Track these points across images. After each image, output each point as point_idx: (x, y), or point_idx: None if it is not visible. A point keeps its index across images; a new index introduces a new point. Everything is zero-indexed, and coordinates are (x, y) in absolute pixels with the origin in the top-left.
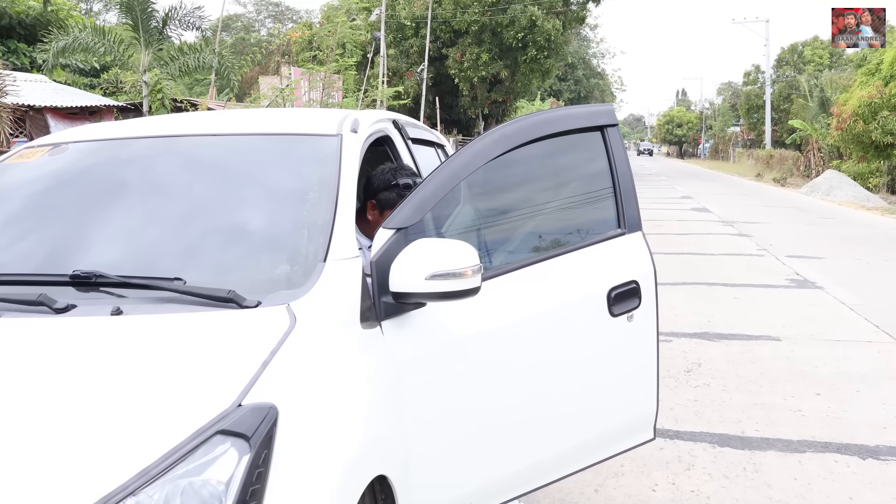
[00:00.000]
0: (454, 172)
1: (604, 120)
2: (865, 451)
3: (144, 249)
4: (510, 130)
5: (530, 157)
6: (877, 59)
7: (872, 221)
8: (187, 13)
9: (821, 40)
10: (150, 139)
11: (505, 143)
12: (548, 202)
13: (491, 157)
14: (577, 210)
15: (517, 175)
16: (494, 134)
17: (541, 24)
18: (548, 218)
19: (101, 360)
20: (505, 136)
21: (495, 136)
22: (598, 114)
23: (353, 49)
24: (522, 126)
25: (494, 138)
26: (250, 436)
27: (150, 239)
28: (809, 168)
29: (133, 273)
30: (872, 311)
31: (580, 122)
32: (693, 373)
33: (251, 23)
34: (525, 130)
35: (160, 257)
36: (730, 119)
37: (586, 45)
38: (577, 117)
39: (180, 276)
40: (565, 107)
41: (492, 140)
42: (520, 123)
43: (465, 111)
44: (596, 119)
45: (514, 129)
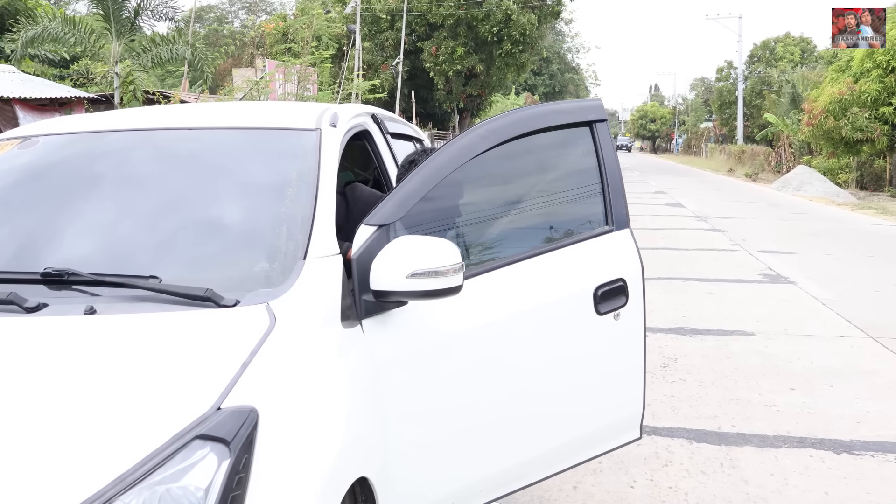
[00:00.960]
0: (439, 168)
1: (592, 115)
2: (840, 446)
3: (118, 246)
4: (497, 125)
5: (517, 153)
6: (847, 56)
7: (843, 217)
8: (160, 3)
9: (792, 37)
10: (124, 132)
11: (492, 139)
12: (535, 198)
13: (477, 152)
14: (565, 206)
15: (504, 171)
16: (481, 129)
17: (516, 18)
18: (534, 214)
19: (75, 362)
20: (492, 132)
21: (481, 131)
22: (587, 109)
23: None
24: (509, 121)
25: (481, 133)
26: (230, 440)
27: (125, 236)
28: (780, 164)
29: (107, 271)
30: (844, 307)
31: (568, 117)
32: (669, 368)
33: (224, 14)
34: (512, 125)
35: (135, 255)
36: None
37: (561, 40)
38: (565, 112)
39: (156, 274)
40: (553, 102)
41: (478, 135)
42: (507, 118)
43: (441, 105)
44: (585, 114)
45: (501, 125)
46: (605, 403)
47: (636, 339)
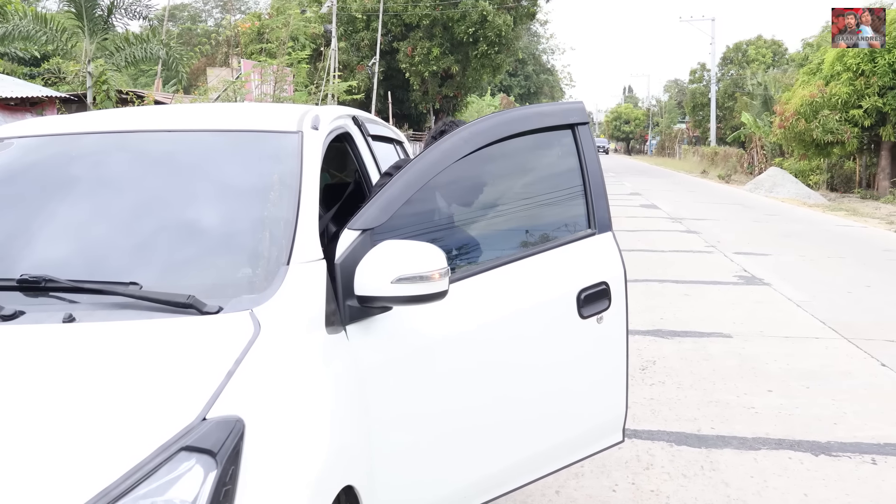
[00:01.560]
0: (422, 171)
1: (575, 118)
2: (818, 448)
3: (97, 252)
4: (480, 128)
5: (500, 156)
6: (818, 58)
7: (814, 218)
8: (134, 1)
9: (764, 39)
10: (102, 135)
11: (475, 142)
12: (518, 202)
13: (460, 155)
14: (548, 210)
15: (486, 174)
16: (464, 132)
17: (492, 19)
18: (517, 218)
19: (54, 372)
20: (475, 135)
21: (464, 134)
22: (569, 112)
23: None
24: (492, 124)
25: (464, 136)
26: (216, 452)
27: (104, 241)
28: (753, 165)
29: (86, 277)
30: (819, 308)
31: (551, 119)
32: (648, 371)
33: (198, 13)
34: (495, 128)
35: (114, 261)
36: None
37: (536, 41)
38: (547, 115)
39: (136, 280)
40: (535, 104)
41: (461, 138)
42: (490, 121)
43: (416, 106)
44: (567, 117)
45: (484, 127)
46: (589, 407)
47: (619, 343)
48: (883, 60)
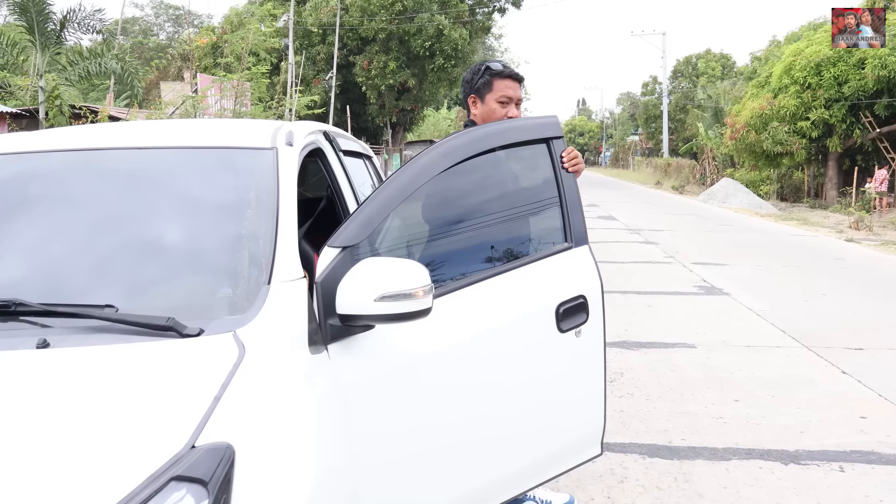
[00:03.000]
0: (401, 188)
1: (549, 132)
2: (787, 457)
3: (70, 274)
4: (457, 143)
5: (477, 171)
6: (766, 72)
7: (767, 228)
8: (87, 16)
9: (713, 53)
10: (68, 152)
11: (452, 157)
12: (494, 216)
13: (438, 171)
14: (525, 224)
15: (464, 189)
16: (441, 147)
17: (448, 33)
18: (494, 233)
19: (31, 401)
20: (452, 150)
21: (442, 149)
22: (544, 126)
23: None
24: (469, 139)
25: (441, 152)
26: (207, 481)
27: (77, 263)
28: (705, 176)
29: (58, 300)
30: (778, 317)
31: (526, 134)
32: (617, 382)
33: (150, 26)
34: (472, 143)
35: (88, 283)
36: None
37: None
38: (522, 130)
39: (111, 302)
40: (512, 119)
41: (438, 154)
42: (466, 136)
43: (373, 119)
44: (542, 131)
45: (461, 143)
46: (569, 420)
47: (597, 356)
48: (828, 74)
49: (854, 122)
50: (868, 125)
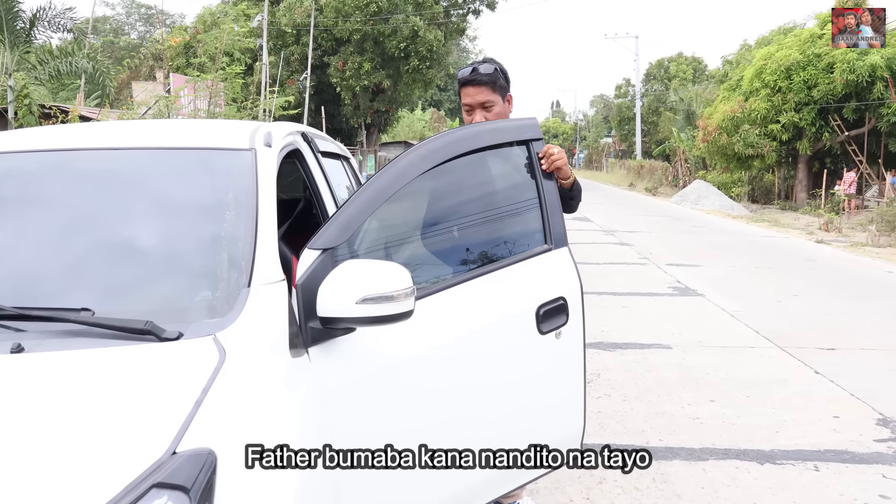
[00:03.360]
0: (381, 189)
1: (529, 134)
2: (762, 456)
3: (44, 277)
4: (437, 145)
5: (457, 173)
6: (737, 75)
7: (739, 229)
8: (57, 14)
9: (685, 56)
10: (43, 153)
11: (432, 159)
12: (475, 218)
13: (418, 172)
14: (505, 226)
15: (443, 191)
16: (421, 149)
17: (423, 34)
18: (475, 234)
19: (5, 408)
20: (432, 151)
21: (422, 151)
22: (524, 128)
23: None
24: (449, 141)
25: (421, 154)
26: (189, 487)
27: (51, 265)
28: (678, 178)
29: (32, 304)
30: (751, 318)
31: (506, 136)
32: (594, 384)
33: (121, 25)
34: (452, 145)
35: (63, 286)
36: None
37: (466, 56)
38: (502, 131)
39: (87, 306)
40: (491, 121)
41: (418, 156)
42: (447, 138)
43: (348, 120)
44: (521, 133)
45: (441, 144)
46: (549, 422)
47: (577, 357)
48: (798, 78)
49: (823, 125)
50: (837, 128)
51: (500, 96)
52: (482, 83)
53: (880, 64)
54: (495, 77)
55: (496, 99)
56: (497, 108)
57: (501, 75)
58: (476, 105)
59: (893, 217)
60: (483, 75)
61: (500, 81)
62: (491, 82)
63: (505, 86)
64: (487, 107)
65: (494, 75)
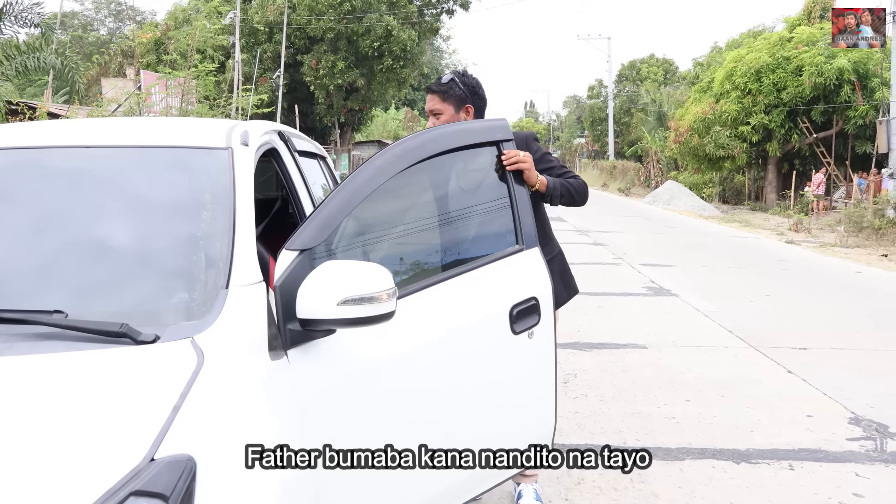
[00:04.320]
0: (357, 189)
1: (499, 135)
2: (738, 456)
3: (14, 277)
4: (411, 146)
5: (429, 173)
6: (708, 77)
7: (711, 230)
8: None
9: (656, 58)
10: (14, 150)
11: (406, 159)
12: (447, 219)
13: (395, 172)
14: (477, 226)
15: (417, 192)
16: (395, 149)
17: (396, 33)
18: (449, 234)
19: None
20: (406, 151)
21: (396, 151)
22: (494, 129)
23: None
24: (422, 141)
25: (396, 153)
26: (168, 495)
27: (22, 265)
28: (650, 179)
29: (1, 305)
30: (725, 318)
31: (476, 137)
32: (570, 384)
33: (90, 21)
34: (424, 146)
35: (35, 287)
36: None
37: (440, 56)
38: (472, 132)
39: (60, 307)
40: (463, 121)
41: (393, 156)
42: (420, 138)
43: (322, 119)
44: (492, 134)
45: (414, 145)
46: (522, 422)
47: (549, 356)
48: (768, 80)
49: (792, 127)
50: (805, 130)
51: (451, 105)
52: (433, 91)
53: (847, 67)
54: (447, 87)
55: (444, 108)
56: (445, 118)
57: (460, 87)
58: (427, 111)
59: (860, 218)
60: (436, 84)
61: (455, 91)
62: (441, 92)
63: (462, 96)
64: (436, 114)
65: (447, 86)
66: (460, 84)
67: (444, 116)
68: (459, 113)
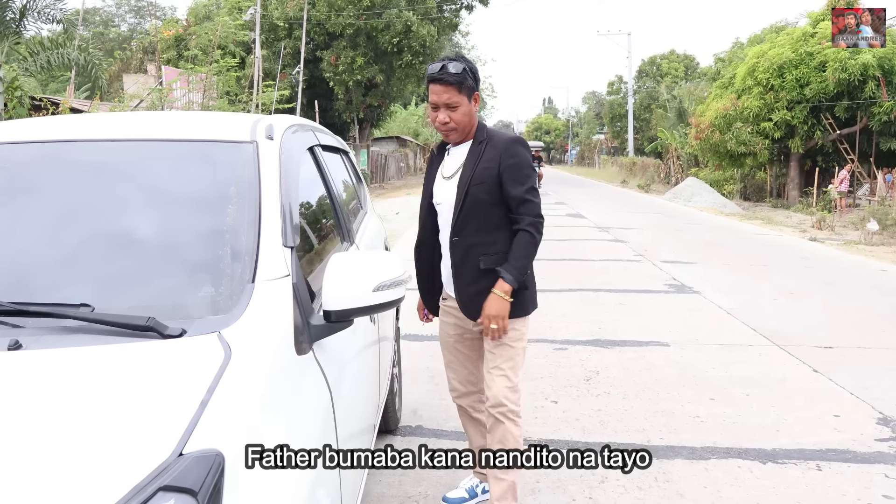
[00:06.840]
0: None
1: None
2: (764, 456)
3: (43, 271)
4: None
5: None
6: (730, 73)
7: (732, 227)
8: (47, 5)
9: (677, 54)
10: (40, 144)
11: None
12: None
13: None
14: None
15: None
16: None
17: (416, 29)
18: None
19: (3, 407)
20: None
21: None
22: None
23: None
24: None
25: None
26: (197, 490)
27: (50, 259)
28: (670, 175)
29: (29, 299)
30: (748, 315)
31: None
32: (592, 381)
33: (111, 17)
34: None
35: (62, 280)
36: (595, 127)
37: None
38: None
39: (87, 301)
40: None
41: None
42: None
43: (340, 115)
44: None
45: None
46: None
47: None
48: (790, 76)
49: (815, 123)
50: (829, 127)
51: (466, 97)
52: (449, 83)
53: (872, 63)
54: (462, 77)
55: (461, 100)
56: (463, 109)
57: (470, 75)
58: (441, 104)
59: (885, 216)
60: (451, 75)
61: (468, 82)
62: (458, 83)
63: (472, 86)
64: (453, 107)
65: (462, 76)
66: (470, 72)
67: (461, 109)
68: (471, 103)
